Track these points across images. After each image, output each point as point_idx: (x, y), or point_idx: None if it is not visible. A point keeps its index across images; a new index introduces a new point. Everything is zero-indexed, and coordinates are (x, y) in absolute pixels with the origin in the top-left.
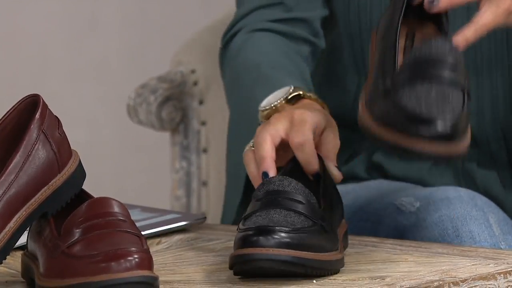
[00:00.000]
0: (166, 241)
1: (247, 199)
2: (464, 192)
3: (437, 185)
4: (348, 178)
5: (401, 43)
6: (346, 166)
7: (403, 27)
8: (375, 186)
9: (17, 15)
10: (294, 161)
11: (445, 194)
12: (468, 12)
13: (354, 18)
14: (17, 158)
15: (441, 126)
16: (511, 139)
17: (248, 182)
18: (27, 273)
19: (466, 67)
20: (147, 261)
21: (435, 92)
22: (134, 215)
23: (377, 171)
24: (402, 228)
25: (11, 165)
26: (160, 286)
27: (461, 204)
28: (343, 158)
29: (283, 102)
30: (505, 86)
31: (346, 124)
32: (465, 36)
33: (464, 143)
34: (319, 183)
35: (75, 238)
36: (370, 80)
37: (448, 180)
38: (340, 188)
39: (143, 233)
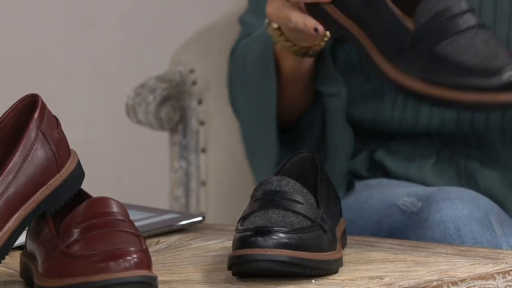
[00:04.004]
0: (164, 241)
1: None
2: (466, 193)
3: (438, 184)
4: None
5: None
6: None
7: None
8: (376, 185)
9: (15, 14)
10: (291, 160)
11: (447, 194)
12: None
13: None
14: (16, 158)
15: (505, 75)
16: None
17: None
18: (25, 272)
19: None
20: (146, 261)
21: (481, 40)
22: (133, 215)
23: (378, 170)
24: (404, 228)
25: (10, 164)
26: (159, 286)
27: (463, 204)
28: None
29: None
30: None
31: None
32: None
33: None
34: (317, 183)
35: (73, 238)
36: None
37: (449, 179)
38: None
39: (142, 233)
